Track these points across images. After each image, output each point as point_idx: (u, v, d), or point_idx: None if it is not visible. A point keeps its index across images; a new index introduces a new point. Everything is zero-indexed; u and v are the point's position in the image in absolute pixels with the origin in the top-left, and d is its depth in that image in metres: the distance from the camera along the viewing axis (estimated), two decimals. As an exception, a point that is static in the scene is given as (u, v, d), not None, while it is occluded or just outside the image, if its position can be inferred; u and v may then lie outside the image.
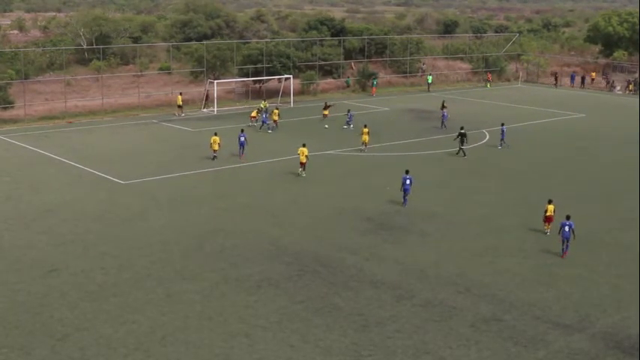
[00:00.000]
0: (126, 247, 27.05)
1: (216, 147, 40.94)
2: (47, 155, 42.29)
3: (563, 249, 27.01)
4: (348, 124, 51.39)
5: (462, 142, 43.46)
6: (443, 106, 55.25)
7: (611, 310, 22.51)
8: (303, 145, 37.69)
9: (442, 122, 52.21)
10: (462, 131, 43.81)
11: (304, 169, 37.73)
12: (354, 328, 20.88)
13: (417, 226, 30.19)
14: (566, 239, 26.84)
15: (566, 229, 26.76)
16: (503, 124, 46.99)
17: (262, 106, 54.85)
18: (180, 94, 57.83)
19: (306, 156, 37.37)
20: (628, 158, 44.12)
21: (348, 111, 52.76)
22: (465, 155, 43.30)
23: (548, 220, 29.31)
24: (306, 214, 31.78)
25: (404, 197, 33.03)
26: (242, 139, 41.59)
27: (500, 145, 46.03)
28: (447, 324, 21.24)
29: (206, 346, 19.65)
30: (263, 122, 50.05)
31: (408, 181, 32.86)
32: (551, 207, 29.22)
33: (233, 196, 34.23)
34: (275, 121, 50.92)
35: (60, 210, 31.62)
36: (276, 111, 51.84)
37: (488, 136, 49.36)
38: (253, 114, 52.83)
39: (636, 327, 21.27)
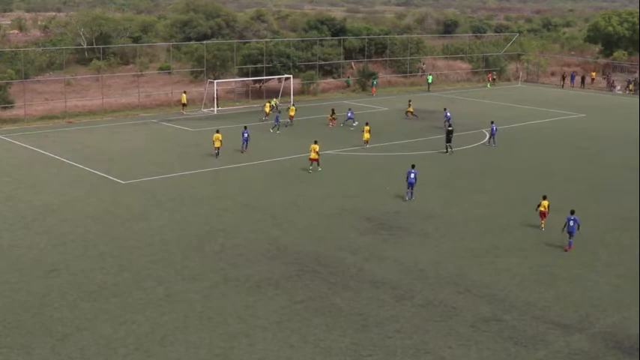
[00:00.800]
0: (126, 247, 27.05)
1: (218, 144, 41.53)
2: (47, 155, 42.29)
3: (569, 242, 27.42)
4: (350, 119, 52.54)
5: (448, 140, 44.19)
6: (409, 105, 56.94)
7: (611, 310, 22.50)
8: (315, 142, 38.59)
9: (446, 122, 52.16)
10: (450, 128, 44.56)
11: (318, 165, 38.83)
12: (354, 328, 20.88)
13: (417, 226, 30.19)
14: (571, 233, 27.21)
15: (571, 223, 27.20)
16: (493, 122, 47.34)
17: (273, 103, 56.48)
18: (185, 92, 58.78)
19: (317, 152, 38.33)
20: (628, 158, 44.14)
21: (349, 109, 54.14)
22: (446, 151, 44.04)
23: (542, 215, 29.74)
24: (306, 214, 31.78)
25: (407, 191, 33.49)
26: (245, 135, 43.10)
27: (495, 144, 46.47)
28: (447, 324, 21.24)
29: (206, 346, 19.65)
30: (276, 122, 50.18)
31: (412, 175, 33.23)
32: (545, 202, 29.64)
33: (233, 196, 34.22)
34: (291, 117, 52.66)
35: (60, 210, 31.62)
36: (292, 108, 53.64)
37: (488, 136, 49.34)
38: (266, 109, 54.85)
39: (636, 327, 21.27)
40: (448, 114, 52.77)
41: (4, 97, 55.80)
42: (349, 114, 52.91)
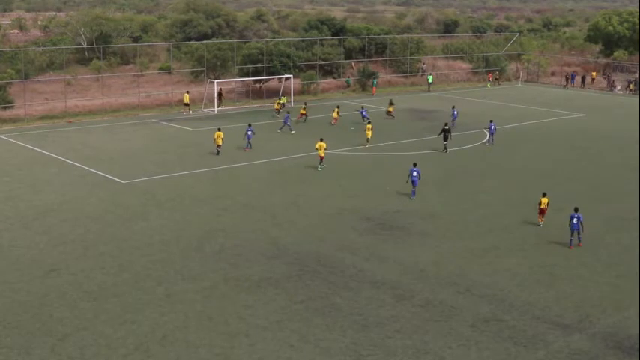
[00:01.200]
0: (126, 247, 27.05)
1: (220, 142, 41.67)
2: (47, 155, 42.29)
3: (571, 240, 27.61)
4: (366, 117, 52.31)
5: (445, 139, 44.25)
6: (390, 104, 56.98)
7: (611, 310, 22.51)
8: (321, 140, 38.97)
9: (452, 122, 52.15)
10: (446, 127, 44.74)
11: (322, 163, 39.11)
12: (354, 328, 20.88)
13: (417, 226, 30.19)
14: (575, 231, 27.42)
15: (574, 221, 27.36)
16: (492, 121, 47.42)
17: (282, 101, 57.80)
18: (187, 92, 58.94)
19: (324, 149, 38.66)
20: (628, 158, 44.14)
21: (362, 107, 54.61)
22: (446, 151, 44.20)
23: (541, 212, 29.92)
24: (306, 214, 31.78)
25: (412, 190, 33.75)
26: (249, 133, 43.44)
27: (492, 142, 46.86)
28: (447, 324, 21.24)
29: (206, 346, 19.66)
30: (284, 123, 50.15)
31: (415, 173, 33.44)
32: (544, 200, 29.83)
33: (233, 196, 34.22)
34: (303, 114, 53.34)
35: (60, 210, 31.61)
36: (303, 106, 54.41)
37: (488, 136, 49.32)
38: (276, 106, 56.40)
39: (636, 327, 21.27)
40: (455, 112, 52.78)
41: (4, 97, 55.80)
42: (364, 112, 52.78)
